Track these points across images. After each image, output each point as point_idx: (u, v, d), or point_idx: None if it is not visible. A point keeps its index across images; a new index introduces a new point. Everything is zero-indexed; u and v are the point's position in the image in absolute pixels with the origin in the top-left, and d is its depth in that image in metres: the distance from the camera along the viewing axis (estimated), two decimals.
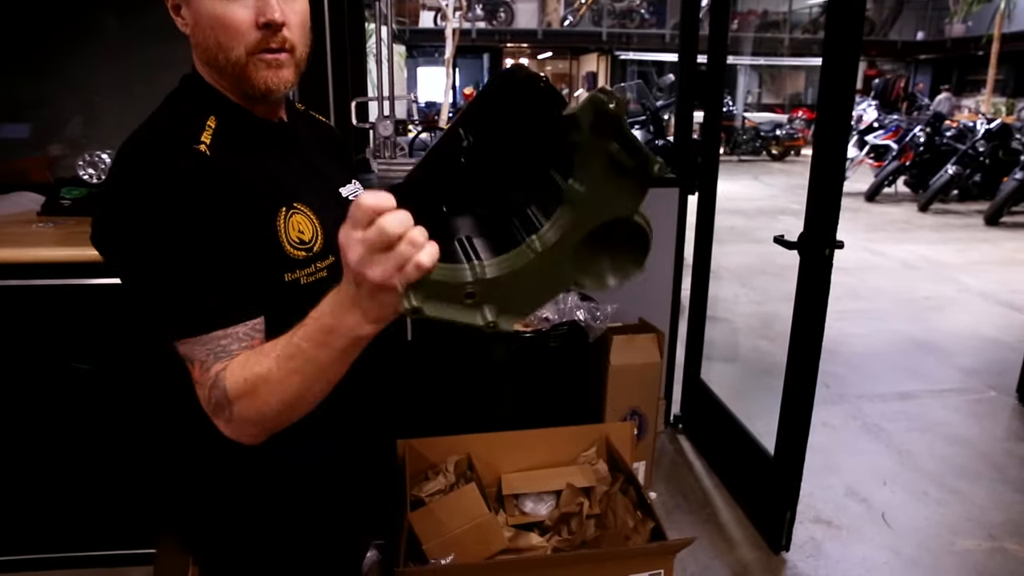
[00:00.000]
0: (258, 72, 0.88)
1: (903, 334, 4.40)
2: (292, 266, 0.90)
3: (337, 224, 0.98)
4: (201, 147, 0.84)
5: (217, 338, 0.80)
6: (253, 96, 0.91)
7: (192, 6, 0.86)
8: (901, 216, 8.66)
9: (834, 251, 1.96)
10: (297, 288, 0.90)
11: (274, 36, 0.86)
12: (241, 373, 0.78)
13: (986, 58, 16.11)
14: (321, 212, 0.94)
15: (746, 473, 2.52)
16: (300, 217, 0.91)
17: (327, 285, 0.92)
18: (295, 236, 0.90)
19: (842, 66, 1.85)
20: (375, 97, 2.41)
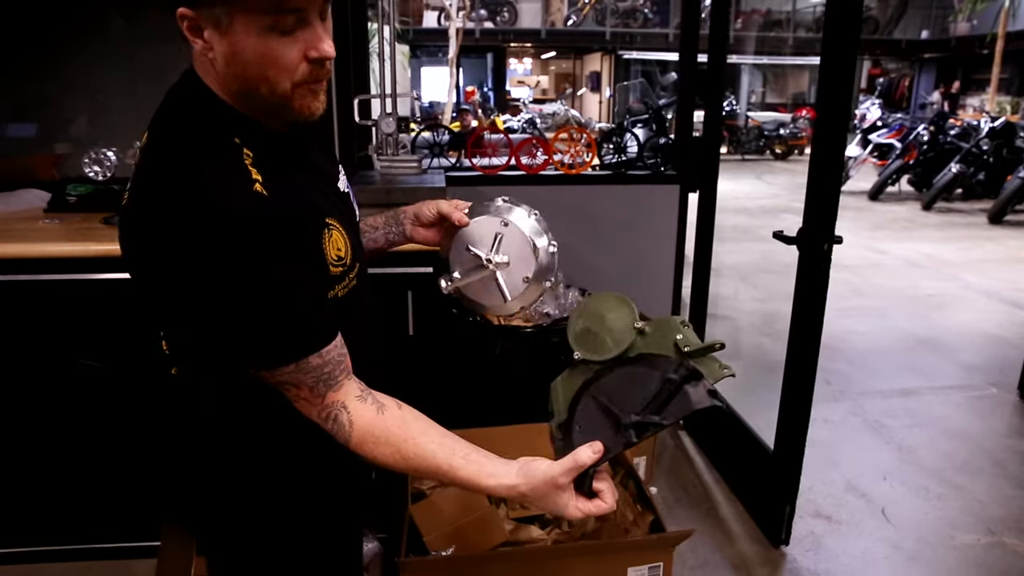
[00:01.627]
0: (303, 101, 0.86)
1: (906, 331, 4.40)
2: (333, 283, 0.92)
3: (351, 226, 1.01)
4: (257, 187, 0.82)
5: (319, 365, 0.87)
6: (294, 123, 0.89)
7: (229, 38, 0.80)
8: (905, 215, 8.66)
9: (832, 246, 1.97)
10: (336, 303, 0.93)
11: (322, 69, 0.86)
12: (380, 437, 0.89)
13: (991, 57, 16.07)
14: (343, 220, 0.96)
15: (746, 468, 2.53)
16: (336, 234, 0.93)
17: (357, 293, 0.99)
18: (334, 254, 0.92)
19: (840, 61, 1.86)
20: (378, 95, 2.43)
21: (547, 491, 0.87)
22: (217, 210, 0.79)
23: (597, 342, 0.97)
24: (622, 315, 0.96)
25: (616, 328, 0.96)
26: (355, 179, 2.41)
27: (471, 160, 2.83)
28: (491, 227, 1.07)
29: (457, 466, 0.89)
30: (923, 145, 9.13)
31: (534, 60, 23.50)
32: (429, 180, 2.29)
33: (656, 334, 0.94)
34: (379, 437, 0.89)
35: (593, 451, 0.87)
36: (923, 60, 20.70)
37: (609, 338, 0.95)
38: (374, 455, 0.89)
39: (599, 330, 0.97)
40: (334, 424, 0.89)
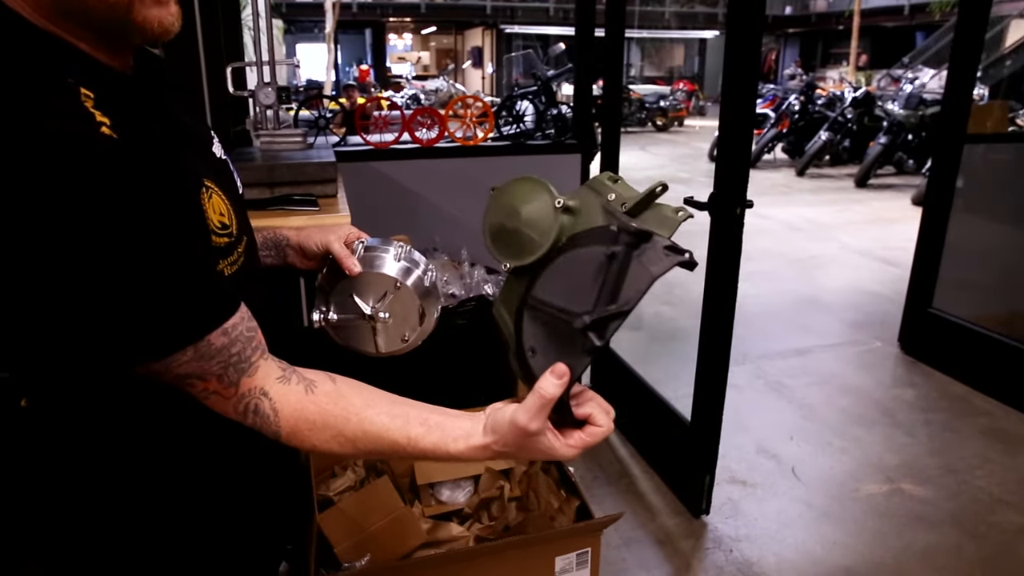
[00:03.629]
0: (147, 11, 0.66)
1: (794, 293, 4.57)
2: (217, 256, 0.73)
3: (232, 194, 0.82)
4: (104, 130, 0.61)
5: (225, 346, 0.70)
6: (142, 42, 0.70)
7: None
8: (782, 180, 9.07)
9: (744, 210, 1.93)
10: (223, 281, 0.74)
11: None
12: (307, 411, 0.74)
13: (847, 32, 17.12)
14: (222, 185, 0.77)
15: (663, 440, 2.50)
16: (216, 198, 0.74)
17: (246, 274, 0.79)
18: (217, 220, 0.73)
19: (747, 32, 1.81)
20: (253, 62, 2.18)
21: (522, 441, 0.72)
22: (56, 158, 0.57)
23: (520, 242, 0.78)
24: (538, 200, 0.78)
25: (535, 217, 0.77)
26: (232, 156, 2.16)
27: (361, 135, 2.62)
28: (382, 284, 0.98)
29: (417, 436, 0.73)
30: (795, 115, 9.58)
31: (414, 36, 23.00)
32: (316, 155, 2.08)
33: (586, 207, 0.76)
34: (315, 421, 0.74)
35: (556, 377, 0.69)
36: (787, 35, 21.82)
37: (531, 232, 0.77)
38: (313, 444, 0.74)
39: (517, 226, 0.78)
40: (256, 417, 0.73)
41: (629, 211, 0.72)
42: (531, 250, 0.76)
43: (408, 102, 13.46)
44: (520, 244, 0.78)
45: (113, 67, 0.70)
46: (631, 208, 0.72)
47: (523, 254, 0.77)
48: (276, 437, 0.74)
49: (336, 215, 1.80)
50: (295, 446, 0.75)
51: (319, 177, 1.95)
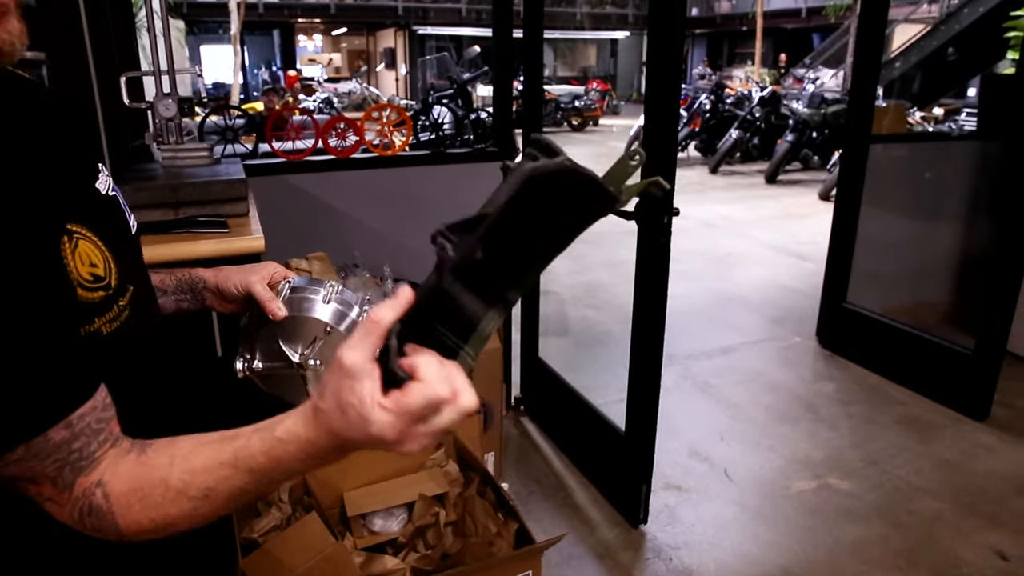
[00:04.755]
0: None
1: (714, 291, 4.66)
2: (90, 314, 0.62)
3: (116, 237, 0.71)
4: None
5: (66, 441, 0.57)
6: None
7: None
8: (696, 178, 9.29)
9: (672, 218, 1.92)
10: (99, 342, 0.63)
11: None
12: (143, 491, 0.60)
13: (751, 32, 17.78)
14: (99, 228, 0.66)
15: (597, 450, 2.48)
16: (85, 245, 0.62)
17: (132, 328, 0.68)
18: (87, 272, 0.62)
19: (669, 33, 1.79)
20: (150, 71, 2.03)
21: (338, 385, 0.55)
22: None
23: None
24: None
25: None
26: (131, 174, 2.00)
27: (272, 145, 2.49)
28: (312, 329, 0.90)
29: (241, 446, 0.59)
30: (706, 114, 9.85)
31: (325, 37, 22.49)
32: (225, 172, 1.94)
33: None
34: (142, 486, 0.60)
35: (399, 299, 0.56)
36: (694, 35, 22.49)
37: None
38: (152, 519, 0.59)
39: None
40: (91, 518, 0.60)
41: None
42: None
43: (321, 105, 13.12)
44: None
45: None
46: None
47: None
48: (117, 533, 0.60)
49: (247, 237, 1.68)
50: (136, 535, 0.61)
51: (228, 195, 1.83)
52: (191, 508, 0.60)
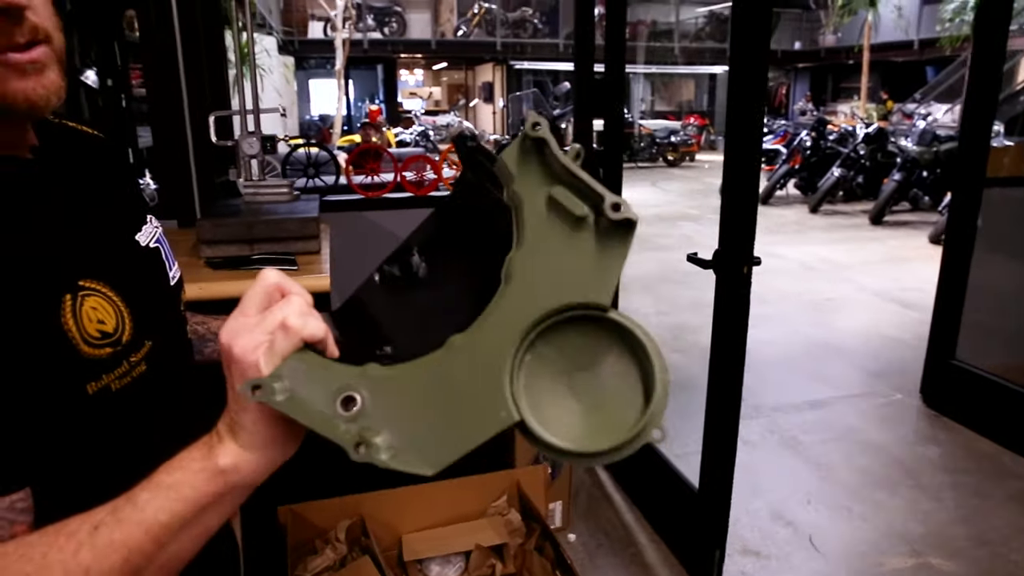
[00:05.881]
0: (8, 84, 0.57)
1: (808, 337, 4.41)
2: (96, 371, 0.61)
3: (144, 291, 0.70)
4: None
5: None
6: (6, 121, 0.60)
7: None
8: (794, 218, 8.93)
9: (752, 268, 1.80)
10: (108, 399, 0.62)
11: (17, 26, 0.56)
12: (16, 569, 0.48)
13: (857, 66, 17.11)
14: (121, 283, 0.66)
15: (669, 506, 2.34)
16: (96, 300, 0.62)
17: (148, 383, 0.65)
18: (94, 330, 0.61)
19: (752, 75, 1.70)
20: (237, 111, 2.10)
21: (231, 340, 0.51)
22: None
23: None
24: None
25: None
26: (214, 209, 2.07)
27: (351, 181, 2.52)
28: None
29: (140, 488, 0.51)
30: (806, 150, 9.48)
31: (425, 71, 23.24)
32: (300, 209, 1.98)
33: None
34: (38, 558, 0.48)
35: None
36: (797, 69, 21.87)
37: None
38: None
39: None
40: None
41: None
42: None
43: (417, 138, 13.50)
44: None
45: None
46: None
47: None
48: None
49: (314, 276, 1.69)
50: None
51: (300, 233, 1.85)
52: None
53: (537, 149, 0.47)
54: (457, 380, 0.46)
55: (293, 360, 0.49)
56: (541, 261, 0.46)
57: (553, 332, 0.46)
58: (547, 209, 0.47)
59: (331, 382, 0.48)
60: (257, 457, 0.51)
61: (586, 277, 0.46)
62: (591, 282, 0.46)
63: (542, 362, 0.46)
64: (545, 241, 0.46)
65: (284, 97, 12.21)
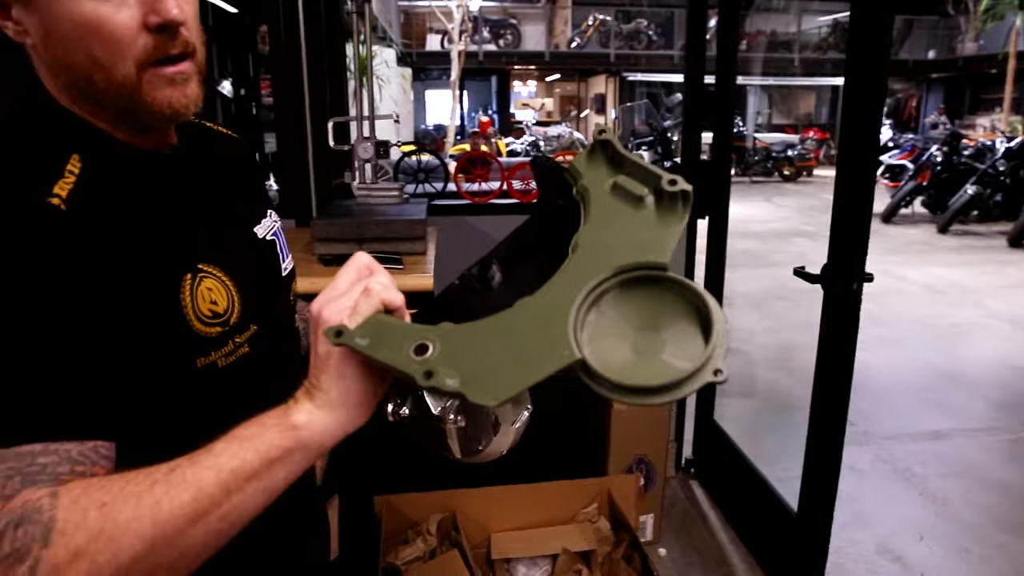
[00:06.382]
0: (157, 92, 0.64)
1: (930, 364, 4.13)
2: (205, 348, 0.68)
3: (255, 278, 0.77)
4: (54, 200, 0.59)
5: (33, 454, 0.53)
6: (152, 124, 0.68)
7: (39, 7, 0.61)
8: (920, 238, 8.39)
9: (862, 285, 1.72)
10: (215, 374, 0.69)
11: (172, 40, 0.64)
12: (94, 497, 0.51)
13: (1000, 76, 15.87)
14: (235, 269, 0.73)
15: (767, 529, 2.27)
16: (211, 283, 0.69)
17: (252, 363, 0.72)
18: (207, 309, 0.68)
19: (869, 85, 1.63)
20: (354, 117, 2.21)
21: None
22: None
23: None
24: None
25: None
26: (329, 209, 2.19)
27: (459, 187, 2.60)
28: None
29: (230, 467, 0.54)
30: (937, 166, 8.88)
31: (539, 82, 23.48)
32: (409, 212, 2.06)
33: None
34: (116, 491, 0.52)
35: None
36: (930, 80, 20.55)
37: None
38: (122, 542, 0.50)
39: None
40: (20, 528, 0.49)
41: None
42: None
43: (528, 148, 13.65)
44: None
45: (133, 144, 0.70)
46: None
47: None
48: (32, 563, 0.48)
49: (419, 275, 1.76)
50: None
51: (408, 234, 1.93)
52: (153, 536, 0.51)
53: (603, 148, 0.53)
54: (524, 327, 0.50)
55: (373, 319, 0.55)
56: (605, 233, 0.51)
57: (616, 293, 0.50)
58: (611, 194, 0.52)
59: (407, 334, 0.53)
60: (328, 416, 0.56)
61: (647, 242, 0.50)
62: (652, 245, 0.50)
63: (605, 318, 0.50)
64: (609, 217, 0.52)
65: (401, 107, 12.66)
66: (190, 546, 0.53)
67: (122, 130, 0.69)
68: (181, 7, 0.63)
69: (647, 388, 0.47)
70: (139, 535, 0.50)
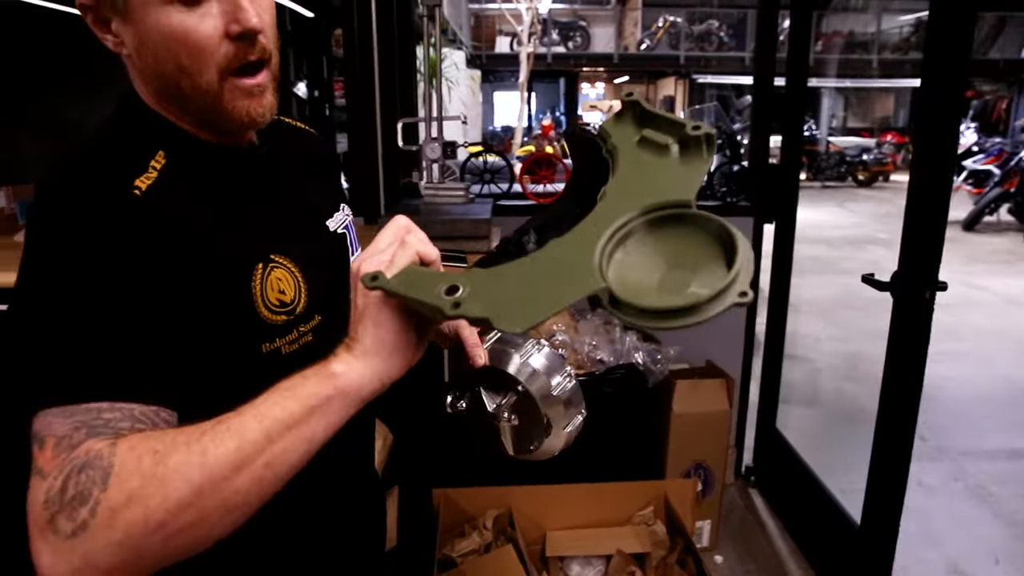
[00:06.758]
0: (236, 101, 0.70)
1: (1011, 380, 3.94)
2: (271, 334, 0.72)
3: (323, 270, 0.81)
4: (135, 191, 0.65)
5: (99, 410, 0.57)
6: (230, 130, 0.74)
7: (134, 21, 0.66)
8: (1004, 247, 7.99)
9: (935, 294, 1.67)
10: (278, 360, 0.73)
11: (251, 47, 0.69)
12: (148, 446, 0.55)
13: None
14: (305, 261, 0.77)
15: (828, 541, 2.21)
16: (280, 273, 0.74)
17: (314, 352, 0.73)
18: (274, 298, 0.72)
19: (945, 84, 1.58)
20: (422, 118, 2.27)
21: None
22: (62, 207, 0.65)
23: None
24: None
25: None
26: (397, 207, 2.26)
27: (524, 187, 2.63)
28: (505, 384, 0.87)
29: (272, 415, 0.58)
30: None
31: (607, 84, 23.34)
32: (474, 211, 2.10)
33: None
34: (168, 440, 0.56)
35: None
36: (1023, 81, 19.51)
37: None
38: (151, 506, 0.53)
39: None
40: (82, 474, 0.53)
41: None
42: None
43: None
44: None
45: (211, 141, 0.75)
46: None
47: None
48: (92, 505, 0.52)
49: None
50: (129, 523, 0.53)
51: (472, 234, 1.97)
52: (200, 483, 0.54)
53: (631, 109, 0.56)
54: (551, 264, 0.53)
55: (409, 268, 0.59)
56: (632, 181, 0.54)
57: (643, 232, 0.52)
58: (638, 146, 0.55)
59: (439, 279, 0.56)
60: (364, 365, 0.60)
61: (672, 183, 0.53)
62: (677, 186, 0.52)
63: (632, 255, 0.52)
64: (636, 167, 0.54)
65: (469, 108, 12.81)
66: (236, 492, 0.56)
67: (204, 132, 0.75)
68: (260, 16, 0.68)
69: (672, 310, 0.47)
70: (187, 479, 0.54)
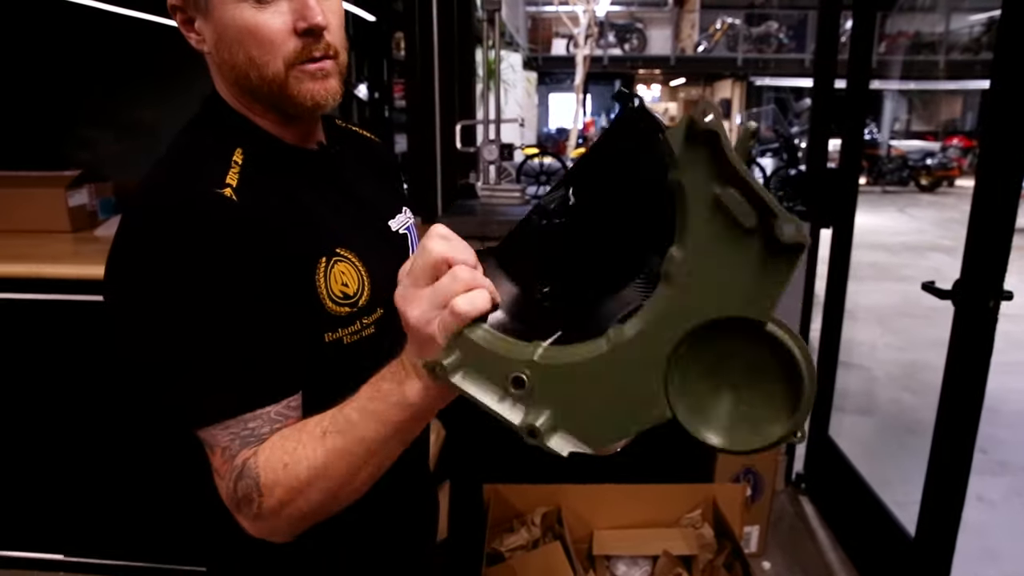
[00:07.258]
0: (301, 85, 0.75)
1: None
2: (334, 325, 0.77)
3: (385, 266, 0.86)
4: (226, 191, 0.70)
5: (244, 421, 0.68)
6: (297, 115, 0.79)
7: (213, 18, 0.73)
8: None
9: (1000, 303, 1.64)
10: (339, 349, 0.78)
11: (316, 43, 0.74)
12: (277, 457, 0.67)
13: None
14: (368, 256, 0.82)
15: (881, 554, 2.18)
16: (344, 266, 0.78)
17: (375, 343, 0.80)
18: (338, 290, 0.77)
19: (1016, 85, 1.55)
20: (481, 120, 2.32)
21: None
22: (161, 211, 0.69)
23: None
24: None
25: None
26: (453, 207, 2.31)
27: None
28: None
29: (349, 407, 0.66)
30: None
31: (663, 87, 23.15)
32: None
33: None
34: (289, 467, 0.66)
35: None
36: None
37: None
38: (296, 502, 0.66)
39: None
40: (241, 481, 0.67)
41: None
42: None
43: None
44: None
45: (286, 141, 0.81)
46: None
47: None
48: (257, 514, 0.67)
49: None
50: (284, 518, 0.67)
51: None
52: (331, 474, 0.65)
53: (707, 141, 0.43)
54: (617, 375, 0.50)
55: (466, 333, 0.54)
56: (704, 266, 0.46)
57: (710, 337, 0.48)
58: (713, 211, 0.45)
59: (501, 365, 0.53)
60: (435, 393, 0.62)
61: (749, 291, 0.45)
62: (754, 297, 0.45)
63: (697, 363, 0.49)
64: (709, 246, 0.45)
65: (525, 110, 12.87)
66: (352, 492, 0.68)
67: (273, 122, 0.80)
68: (325, 15, 0.74)
69: (733, 451, 0.50)
70: (319, 489, 0.66)
